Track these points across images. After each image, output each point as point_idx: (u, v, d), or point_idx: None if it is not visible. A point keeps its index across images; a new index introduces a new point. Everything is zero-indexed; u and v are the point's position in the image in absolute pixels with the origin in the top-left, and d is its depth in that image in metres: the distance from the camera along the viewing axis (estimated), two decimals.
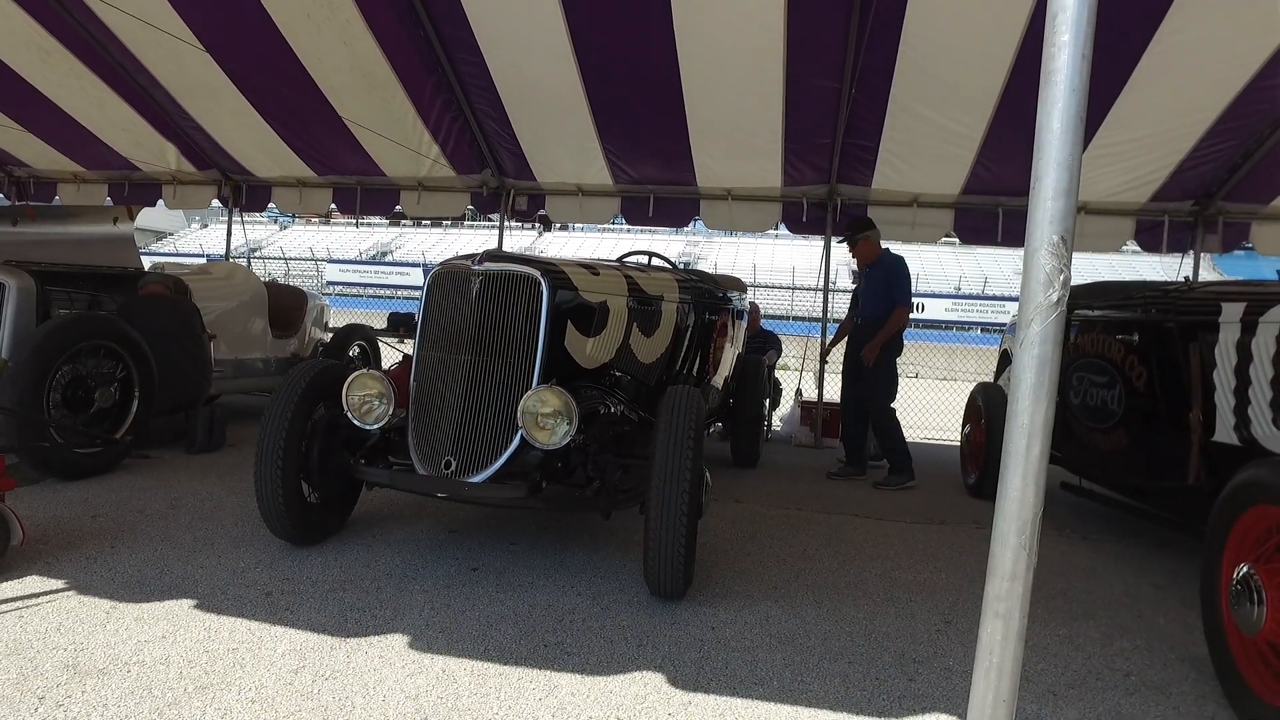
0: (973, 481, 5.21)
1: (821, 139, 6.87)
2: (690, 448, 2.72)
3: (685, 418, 2.78)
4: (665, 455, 2.71)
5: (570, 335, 3.20)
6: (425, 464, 2.95)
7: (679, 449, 2.71)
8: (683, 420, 2.77)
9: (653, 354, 3.84)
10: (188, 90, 7.45)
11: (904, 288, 5.44)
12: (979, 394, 5.29)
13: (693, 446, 2.74)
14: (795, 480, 5.60)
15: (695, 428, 2.77)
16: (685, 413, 2.79)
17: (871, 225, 5.69)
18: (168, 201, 9.32)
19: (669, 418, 2.78)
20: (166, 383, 4.88)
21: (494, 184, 8.20)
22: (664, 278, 4.04)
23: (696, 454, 2.75)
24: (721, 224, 8.08)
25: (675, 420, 2.77)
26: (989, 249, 44.82)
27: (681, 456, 2.70)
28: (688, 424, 2.76)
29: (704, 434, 2.97)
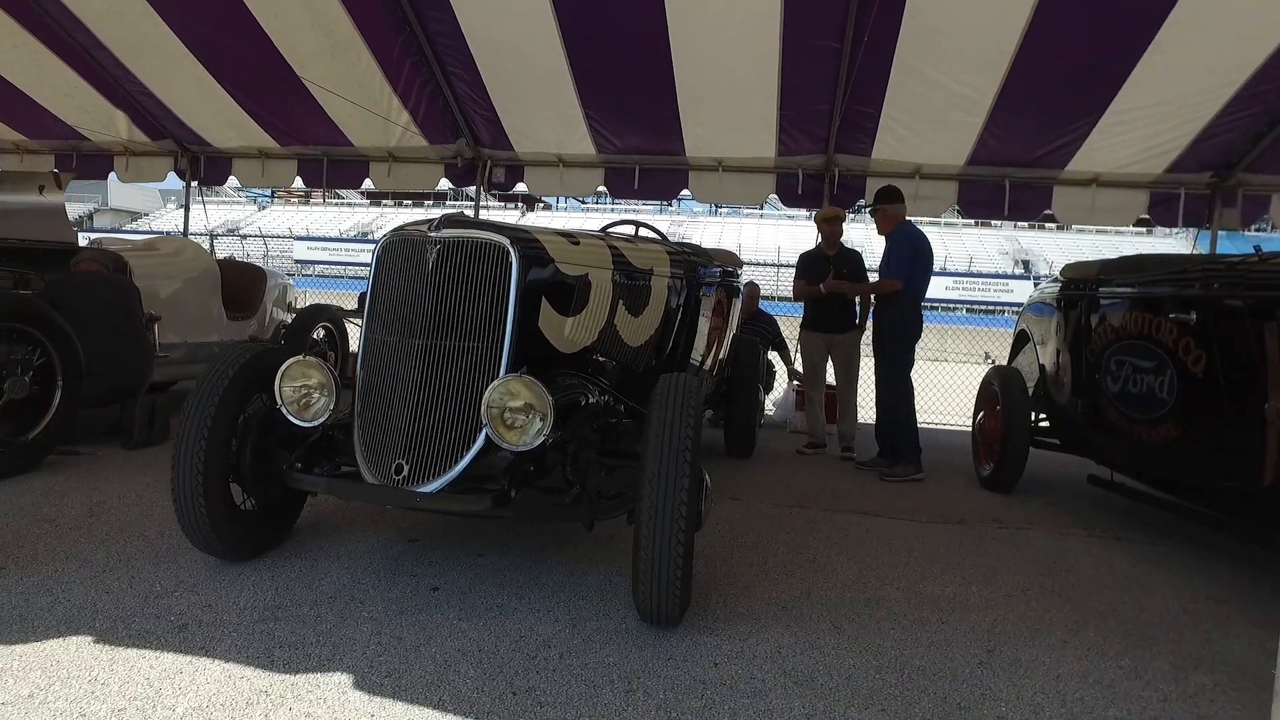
0: (988, 473, 4.82)
1: (819, 105, 6.40)
2: (689, 448, 2.28)
3: (682, 412, 2.33)
4: (659, 457, 2.27)
5: (545, 314, 2.74)
6: (373, 469, 2.49)
7: (675, 449, 2.27)
8: (679, 415, 2.32)
9: (641, 335, 3.38)
10: (134, 51, 6.85)
11: (900, 259, 5.01)
12: (994, 379, 4.88)
13: (691, 446, 2.29)
14: (794, 471, 5.18)
15: (694, 423, 2.33)
16: (682, 406, 2.34)
17: (895, 198, 5.24)
18: (120, 174, 8.70)
19: (663, 411, 2.34)
20: (100, 370, 4.38)
21: (469, 154, 7.66)
22: (654, 250, 3.58)
23: (695, 454, 2.31)
24: (711, 196, 7.62)
25: (670, 415, 2.32)
26: (973, 229, 44.69)
27: (678, 458, 2.26)
28: (685, 419, 2.32)
29: (702, 427, 2.53)
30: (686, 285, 3.87)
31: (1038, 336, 4.72)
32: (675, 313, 3.73)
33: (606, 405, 3.00)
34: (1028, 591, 3.00)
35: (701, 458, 2.42)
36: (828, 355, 5.93)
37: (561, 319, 2.84)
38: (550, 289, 2.76)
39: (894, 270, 4.99)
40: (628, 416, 3.08)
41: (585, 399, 2.89)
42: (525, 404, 2.39)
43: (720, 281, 4.55)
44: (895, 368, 5.09)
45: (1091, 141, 6.24)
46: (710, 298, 4.33)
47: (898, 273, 4.97)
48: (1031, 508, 4.38)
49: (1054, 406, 4.41)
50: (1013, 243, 44.67)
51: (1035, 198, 7.04)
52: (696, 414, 2.37)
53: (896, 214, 5.23)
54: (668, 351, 3.72)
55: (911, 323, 5.08)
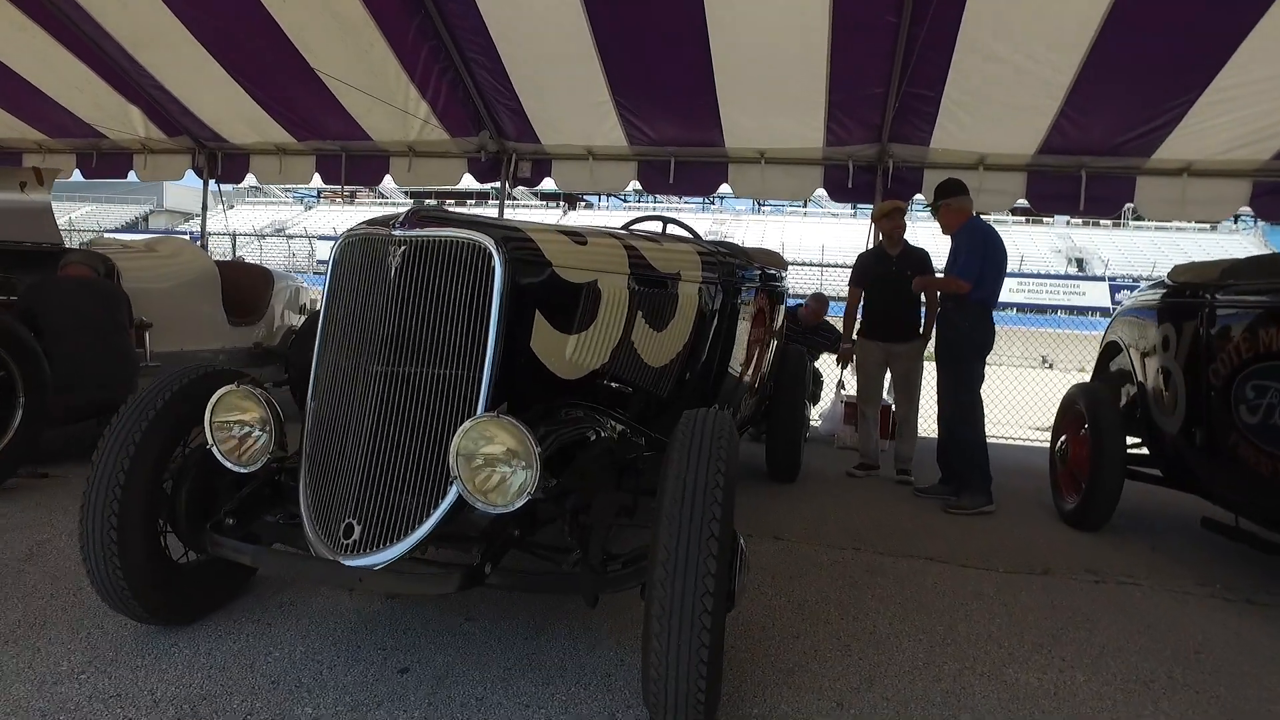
0: (1071, 508, 4.15)
1: (873, 88, 5.76)
2: (717, 512, 1.73)
3: (709, 464, 1.78)
4: (676, 525, 1.72)
5: (540, 332, 2.20)
6: (319, 529, 1.97)
7: (698, 513, 1.72)
8: (704, 468, 1.77)
9: (666, 354, 2.83)
10: (140, 41, 6.51)
11: (970, 259, 4.37)
12: (1079, 398, 4.21)
13: (721, 507, 1.74)
14: (845, 499, 4.58)
15: (725, 478, 1.77)
16: (710, 455, 1.79)
17: (958, 190, 4.60)
18: (139, 172, 8.44)
19: (683, 463, 1.78)
20: (76, 382, 3.99)
21: (493, 147, 7.18)
22: (682, 250, 3.02)
23: (726, 517, 1.75)
24: (752, 191, 7.02)
25: (693, 468, 1.77)
26: (1024, 226, 42.69)
27: (702, 526, 1.71)
28: (713, 473, 1.76)
29: (737, 480, 1.97)
30: (722, 291, 3.30)
31: (1135, 349, 4.04)
32: (708, 324, 3.16)
33: (621, 441, 2.45)
34: (1152, 684, 2.37)
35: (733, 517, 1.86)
36: (886, 367, 5.30)
37: (562, 337, 2.29)
38: (547, 300, 2.22)
39: (962, 270, 4.35)
40: (649, 449, 2.54)
41: (594, 434, 2.35)
42: (506, 452, 1.86)
43: (761, 285, 3.97)
44: (962, 383, 4.45)
45: (1186, 124, 5.48)
46: (750, 304, 3.75)
47: (966, 273, 4.33)
48: (1130, 554, 3.71)
49: (1157, 433, 3.74)
50: (1066, 240, 42.87)
51: (1115, 190, 6.29)
52: (728, 464, 1.82)
53: (963, 209, 4.59)
54: (699, 371, 3.15)
55: (981, 332, 4.43)
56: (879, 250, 5.44)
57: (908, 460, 5.26)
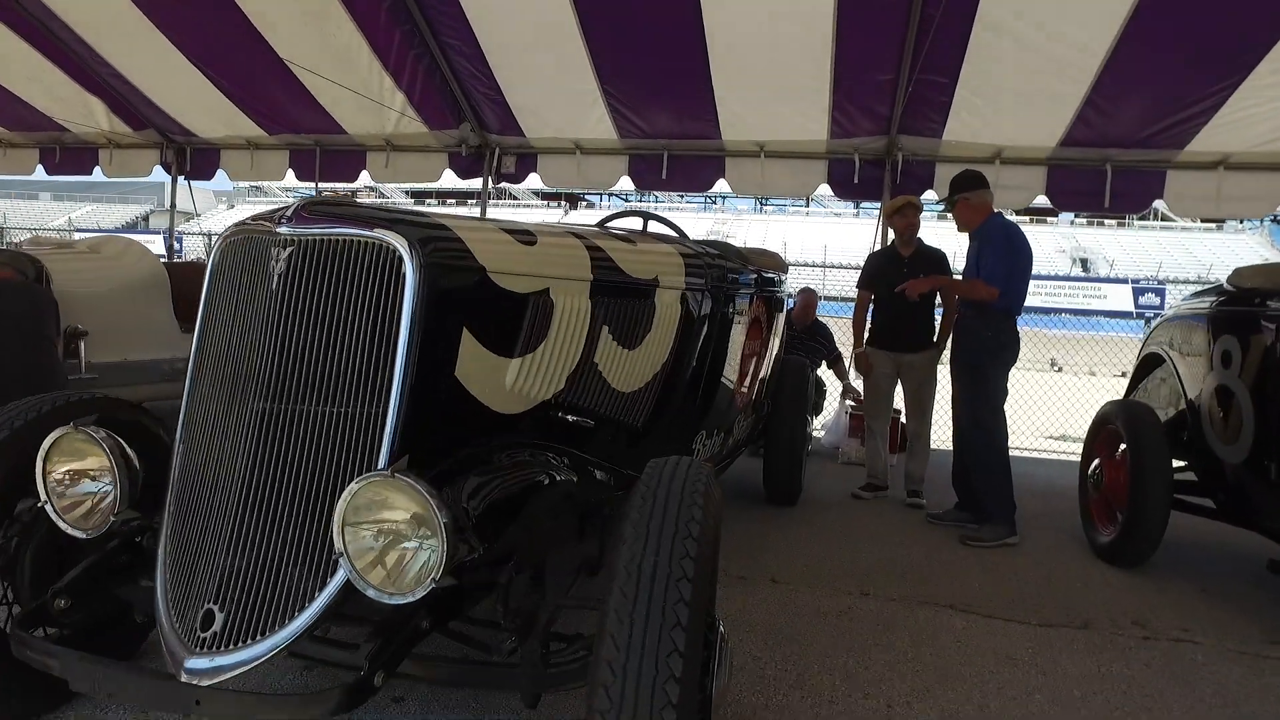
0: (1107, 541, 3.68)
1: (881, 74, 5.29)
2: (682, 611, 1.27)
3: (676, 541, 1.33)
4: (628, 622, 1.26)
5: (470, 356, 1.74)
6: (175, 615, 1.52)
7: (660, 606, 1.27)
8: (671, 547, 1.32)
9: (640, 376, 2.37)
10: (91, 25, 6.06)
11: (997, 260, 3.90)
12: (1116, 415, 3.74)
13: (689, 599, 1.29)
14: (850, 527, 4.12)
15: (697, 560, 1.32)
16: (677, 529, 1.34)
17: (976, 184, 4.13)
18: (105, 168, 7.99)
19: (640, 540, 1.33)
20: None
21: (474, 141, 6.72)
22: (661, 252, 2.56)
23: (698, 607, 1.30)
24: (751, 187, 6.55)
25: (655, 546, 1.32)
26: (1028, 226, 41.90)
27: (665, 621, 1.26)
28: (679, 556, 1.31)
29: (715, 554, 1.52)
30: (712, 298, 2.84)
31: (1184, 363, 3.57)
32: (694, 338, 2.70)
33: (584, 483, 2.00)
34: None
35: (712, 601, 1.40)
36: (896, 379, 4.83)
37: (500, 362, 1.84)
38: (479, 315, 1.77)
39: (989, 274, 3.88)
40: (620, 489, 2.09)
41: (548, 479, 1.89)
42: (412, 519, 1.41)
43: (758, 290, 3.51)
44: (982, 398, 3.98)
45: (1224, 113, 5.01)
46: (745, 313, 3.29)
47: (994, 277, 3.85)
48: (1180, 600, 3.24)
49: (1212, 460, 3.27)
50: (1070, 240, 42.26)
51: (1143, 185, 5.81)
52: (703, 537, 1.36)
53: (984, 204, 4.12)
54: (683, 394, 2.69)
55: (1005, 342, 3.96)
56: (890, 251, 4.98)
57: (919, 480, 4.80)
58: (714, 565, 1.65)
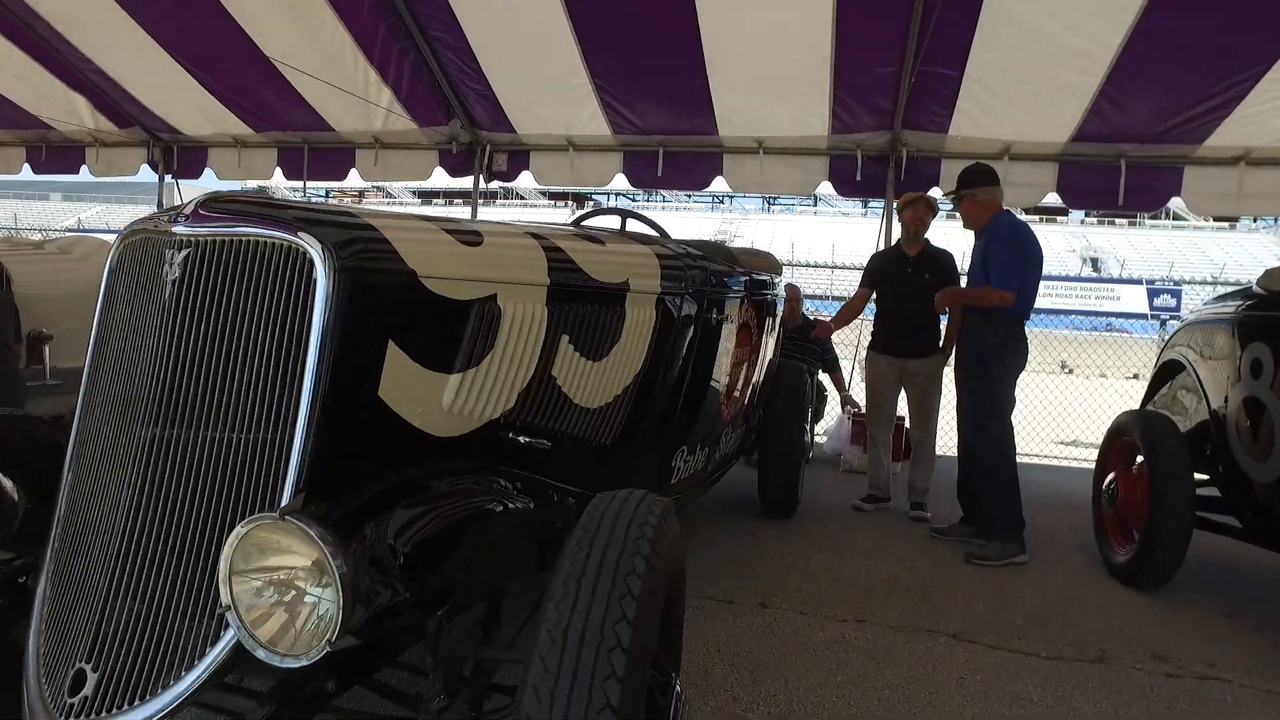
0: (1123, 560, 3.45)
1: (884, 66, 5.07)
2: (617, 676, 1.06)
3: (613, 600, 1.11)
4: (549, 699, 1.05)
5: (397, 372, 1.53)
6: (44, 675, 1.32)
7: (586, 683, 1.06)
8: (603, 609, 1.10)
9: (608, 389, 2.15)
10: (69, 20, 5.89)
11: (1005, 263, 3.66)
12: (1133, 427, 3.50)
13: (626, 669, 1.07)
14: (850, 543, 3.89)
15: (638, 623, 1.11)
16: (610, 586, 1.13)
17: (985, 180, 3.89)
18: (91, 166, 7.83)
19: (569, 600, 1.12)
20: None
21: (465, 138, 6.53)
22: (633, 253, 2.34)
23: (633, 681, 1.09)
24: (750, 184, 6.32)
25: (584, 610, 1.10)
26: (1038, 225, 41.24)
27: (590, 702, 1.05)
28: (614, 619, 1.10)
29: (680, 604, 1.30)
30: (694, 302, 2.62)
31: (1207, 371, 3.33)
32: (673, 346, 2.48)
33: (543, 508, 1.79)
34: None
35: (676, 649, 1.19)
36: (899, 386, 4.60)
37: (436, 378, 1.62)
38: (408, 326, 1.56)
39: (1000, 276, 3.63)
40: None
41: (502, 506, 1.69)
42: (314, 566, 1.20)
43: (748, 293, 3.29)
44: (989, 408, 3.75)
45: (1248, 105, 4.75)
46: (733, 317, 3.06)
47: (1006, 280, 3.61)
48: (1203, 628, 3.00)
49: (1238, 476, 3.03)
50: (1081, 239, 41.72)
51: (1159, 182, 5.56)
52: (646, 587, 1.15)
53: (992, 200, 3.89)
54: (661, 407, 2.47)
55: (1013, 348, 3.73)
56: (896, 250, 4.75)
57: (923, 492, 4.56)
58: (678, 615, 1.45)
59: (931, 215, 4.49)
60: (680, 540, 1.43)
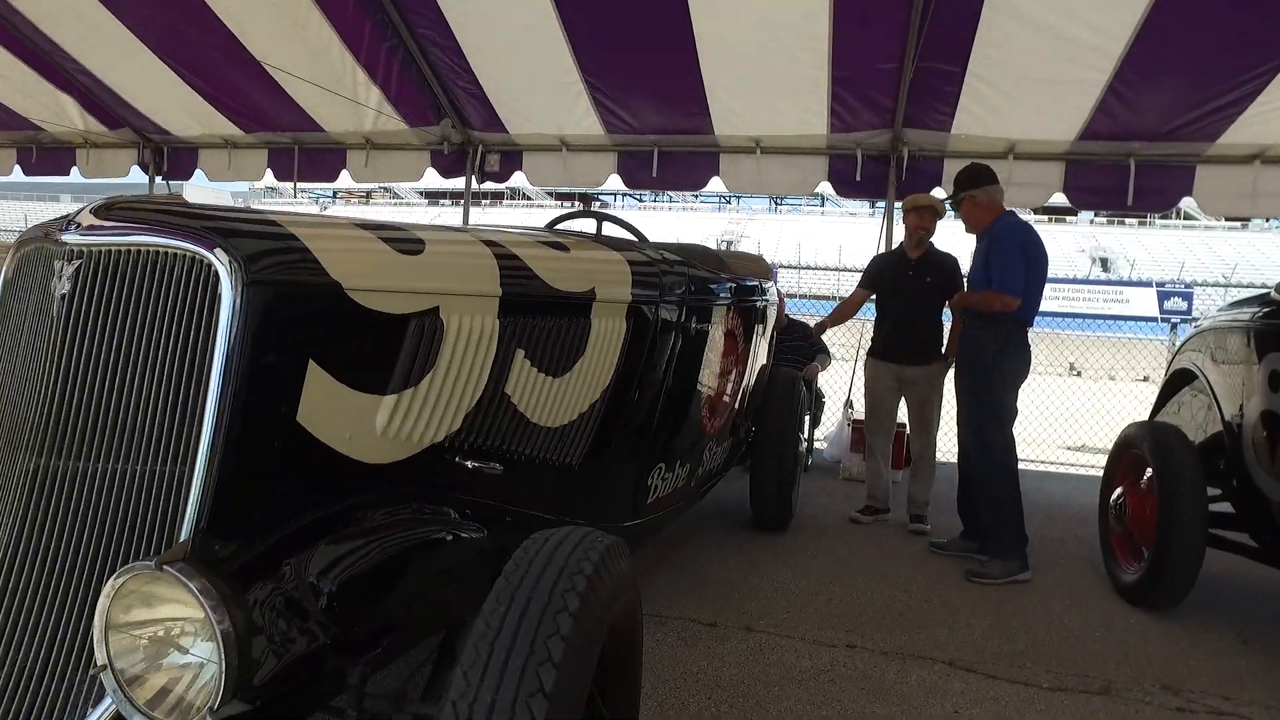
0: (1131, 581, 3.28)
1: (883, 62, 4.90)
2: None
3: (525, 669, 0.96)
4: None
5: (319, 395, 1.38)
6: None
7: None
8: (515, 681, 0.95)
9: (572, 406, 2.00)
10: (48, 16, 5.78)
11: (1007, 265, 3.50)
12: (1141, 439, 3.33)
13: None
14: (845, 558, 3.73)
15: (557, 696, 0.96)
16: (527, 651, 0.98)
17: (986, 178, 3.74)
18: (82, 168, 7.72)
19: (479, 667, 0.97)
20: None
21: (456, 138, 6.39)
22: (601, 260, 2.18)
23: None
24: (747, 185, 6.16)
25: (494, 681, 0.95)
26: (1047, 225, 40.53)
27: None
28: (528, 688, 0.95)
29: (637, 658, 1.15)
30: (674, 311, 2.47)
31: (1222, 381, 3.15)
32: (648, 358, 2.32)
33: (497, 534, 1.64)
34: None
35: None
36: (899, 394, 4.44)
37: (367, 400, 1.47)
38: (333, 344, 1.41)
39: (1003, 280, 3.46)
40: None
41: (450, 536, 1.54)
42: (203, 619, 1.05)
43: (735, 300, 3.13)
44: (989, 418, 3.58)
45: (1263, 102, 4.56)
46: (718, 326, 2.91)
47: (1010, 284, 3.44)
48: (1218, 655, 2.83)
49: (1256, 495, 2.86)
50: (1090, 239, 41.28)
51: (1170, 182, 5.38)
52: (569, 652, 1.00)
53: (992, 201, 3.73)
54: (634, 424, 2.32)
55: (1015, 356, 3.56)
56: (898, 253, 4.58)
57: (923, 505, 4.40)
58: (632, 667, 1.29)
59: (935, 220, 4.33)
60: (630, 583, 1.28)
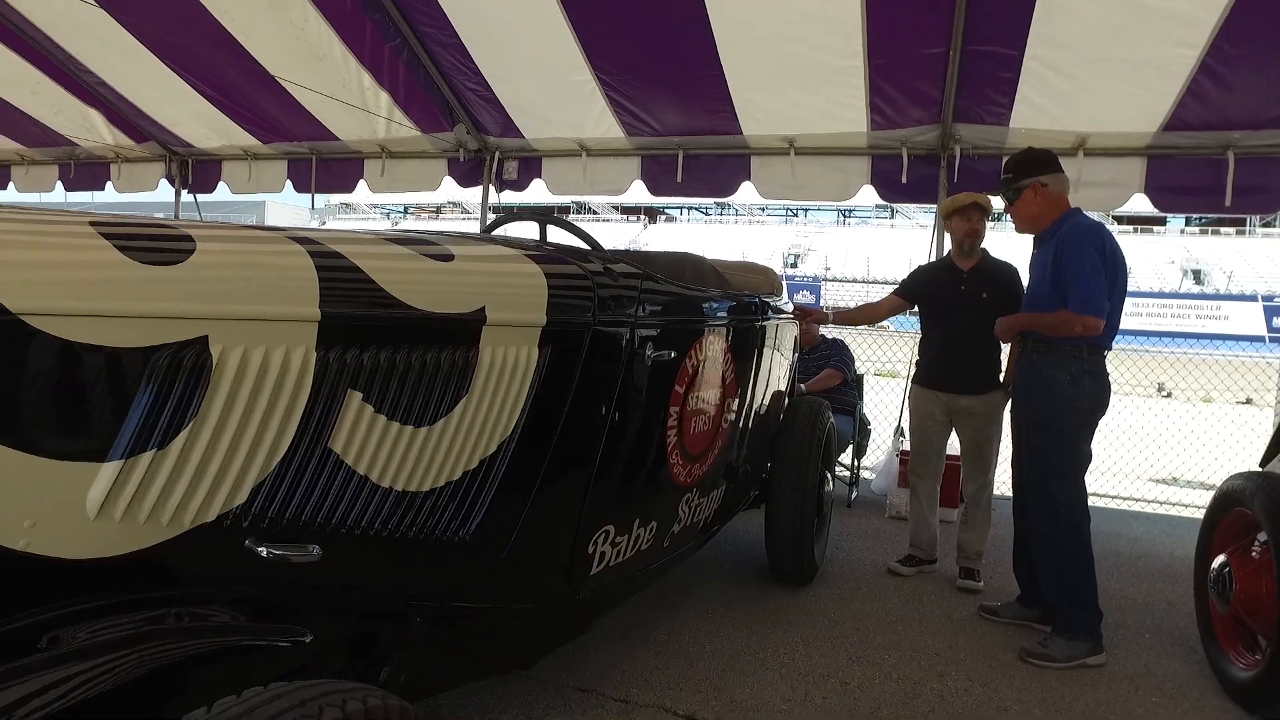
0: (1244, 677, 2.58)
1: (927, 47, 4.30)
2: None
3: None
4: None
5: None
6: None
7: None
8: None
9: (451, 462, 1.50)
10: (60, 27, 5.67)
11: (1088, 277, 2.83)
12: (1251, 495, 2.63)
13: None
14: (873, 624, 3.14)
15: None
16: None
17: (1047, 164, 3.07)
18: (116, 184, 7.71)
19: None
20: None
21: (472, 145, 6.03)
22: (498, 270, 1.66)
23: None
24: (782, 190, 5.59)
25: None
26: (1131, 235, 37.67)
27: None
28: None
29: None
30: (625, 334, 1.96)
31: None
32: (582, 397, 1.81)
33: (291, 655, 1.16)
34: None
35: None
36: (949, 427, 3.81)
37: (64, 471, 1.01)
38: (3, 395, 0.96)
39: (1083, 295, 2.80)
40: (410, 642, 1.25)
41: (189, 663, 1.07)
42: None
43: (726, 321, 2.59)
44: (1056, 465, 2.93)
45: None
46: (699, 352, 2.38)
47: (1090, 301, 2.79)
48: None
49: None
50: (1180, 249, 38.63)
51: (1276, 179, 4.59)
52: None
53: (1057, 195, 3.07)
54: (560, 478, 1.81)
55: (1090, 387, 2.89)
56: (945, 263, 3.96)
57: (975, 556, 3.74)
58: None
59: (985, 218, 3.70)
60: None
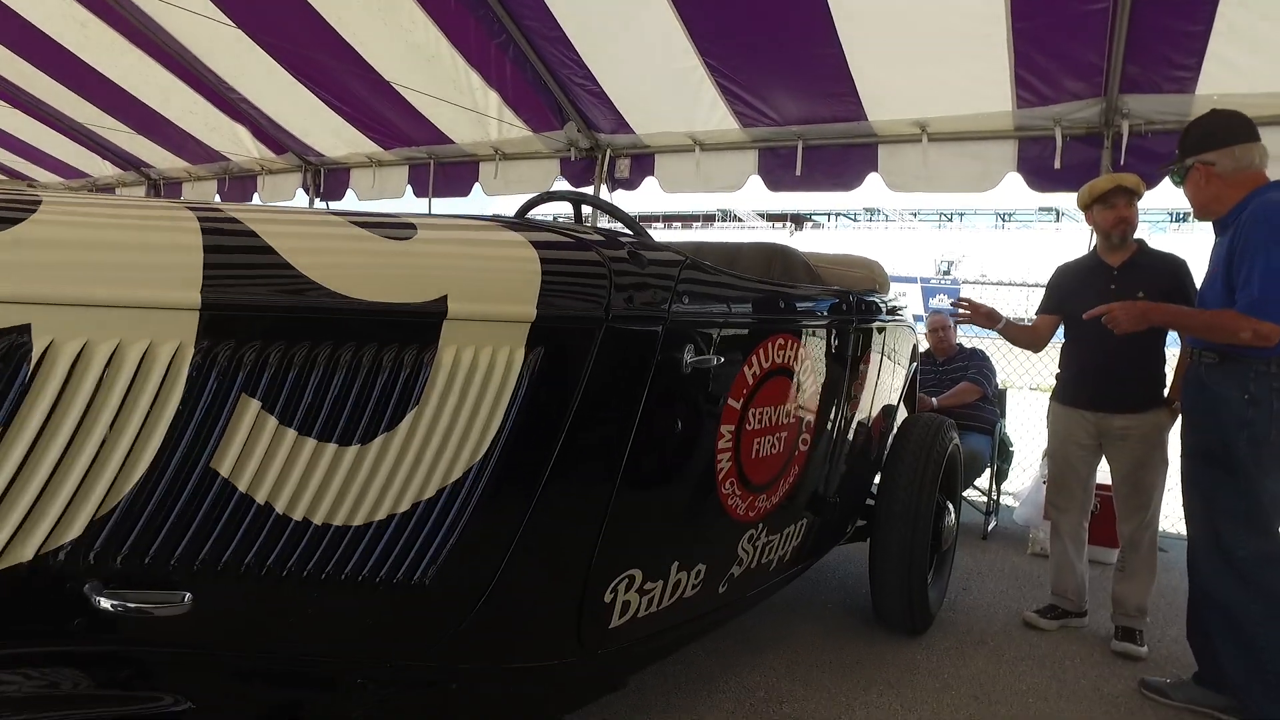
0: None
1: (1087, 3, 3.64)
2: None
3: None
4: None
5: None
6: None
7: None
8: None
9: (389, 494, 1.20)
10: (200, 43, 6.01)
11: (1267, 268, 2.19)
12: None
13: None
14: (994, 696, 2.59)
15: None
16: None
17: (1233, 135, 2.42)
18: (261, 194, 8.20)
19: None
20: None
21: (584, 143, 5.87)
22: (471, 253, 1.35)
23: None
24: (912, 183, 5.01)
25: None
26: None
27: None
28: None
29: None
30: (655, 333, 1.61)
31: None
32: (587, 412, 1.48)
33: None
34: None
35: None
36: (1098, 452, 3.17)
37: None
38: None
39: (1261, 292, 2.19)
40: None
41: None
42: None
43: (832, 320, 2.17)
44: (1242, 513, 2.29)
45: None
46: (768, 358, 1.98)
47: (1265, 300, 2.17)
48: None
49: None
50: None
51: None
52: None
53: (1245, 170, 2.41)
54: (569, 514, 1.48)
55: (1268, 397, 2.24)
56: (1091, 259, 3.31)
57: (1138, 614, 3.07)
58: None
59: (1135, 203, 3.03)
60: None
